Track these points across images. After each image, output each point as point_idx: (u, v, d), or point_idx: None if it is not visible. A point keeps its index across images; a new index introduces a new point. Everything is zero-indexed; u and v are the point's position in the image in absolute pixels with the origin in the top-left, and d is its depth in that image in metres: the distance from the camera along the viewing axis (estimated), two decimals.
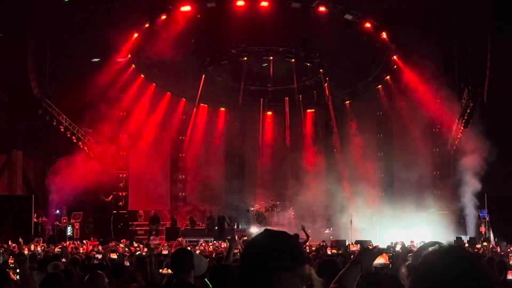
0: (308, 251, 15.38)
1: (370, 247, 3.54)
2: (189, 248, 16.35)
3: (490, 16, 22.04)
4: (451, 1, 22.38)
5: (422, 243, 7.26)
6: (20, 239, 17.68)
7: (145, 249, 17.19)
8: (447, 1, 22.68)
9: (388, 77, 28.69)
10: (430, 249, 2.34)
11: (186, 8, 24.17)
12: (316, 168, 34.03)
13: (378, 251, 3.43)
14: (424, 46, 24.09)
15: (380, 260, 3.45)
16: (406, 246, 17.65)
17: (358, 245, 16.77)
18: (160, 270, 8.49)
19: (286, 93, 32.30)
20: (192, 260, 5.40)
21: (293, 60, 27.25)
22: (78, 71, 24.08)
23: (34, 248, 16.13)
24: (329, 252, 15.23)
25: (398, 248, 17.72)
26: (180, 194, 32.79)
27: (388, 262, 3.54)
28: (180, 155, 33.21)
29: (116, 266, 8.83)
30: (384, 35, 25.23)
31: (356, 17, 24.33)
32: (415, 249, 12.51)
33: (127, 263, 11.26)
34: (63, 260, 10.75)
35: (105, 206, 26.80)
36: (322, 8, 23.90)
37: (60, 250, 13.82)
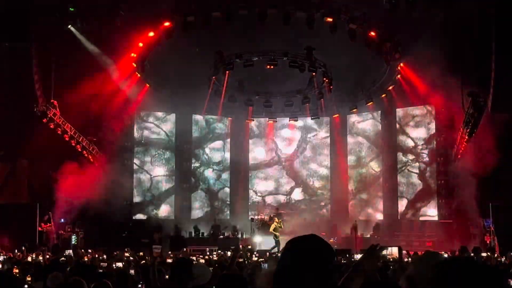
0: None
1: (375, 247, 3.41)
2: (194, 258, 16.42)
3: (495, 24, 22.07)
4: (455, 10, 22.38)
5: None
6: (23, 248, 17.70)
7: (149, 258, 17.21)
8: (451, 10, 22.69)
9: (391, 86, 28.71)
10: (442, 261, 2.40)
11: (190, 18, 24.25)
12: (321, 176, 34.16)
13: (382, 249, 3.40)
14: (428, 55, 24.19)
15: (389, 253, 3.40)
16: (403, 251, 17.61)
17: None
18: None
19: (291, 101, 32.42)
20: (190, 270, 5.41)
21: (297, 69, 27.23)
22: (83, 80, 24.19)
23: (37, 257, 16.15)
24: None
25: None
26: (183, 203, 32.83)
27: (397, 257, 3.49)
28: (185, 163, 33.32)
29: (120, 274, 8.83)
30: (388, 44, 25.28)
31: (360, 27, 24.36)
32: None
33: (132, 272, 11.27)
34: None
35: (110, 214, 26.80)
36: (328, 18, 23.95)
37: (64, 259, 13.82)
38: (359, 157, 33.57)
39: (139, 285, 9.28)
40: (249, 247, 24.59)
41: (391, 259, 15.33)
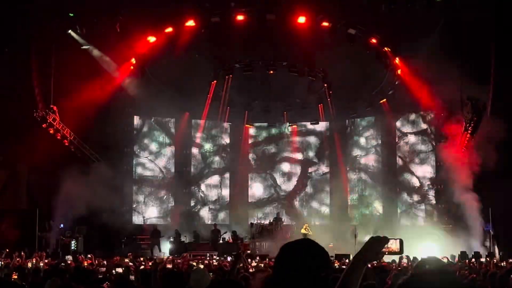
0: None
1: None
2: (194, 263, 16.41)
3: (494, 28, 22.15)
4: (454, 14, 22.44)
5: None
6: (22, 253, 17.65)
7: (150, 263, 17.18)
8: (450, 14, 22.76)
9: (391, 91, 28.72)
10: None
11: (190, 23, 24.30)
12: (322, 180, 34.12)
13: (385, 240, 3.26)
14: (427, 59, 24.23)
15: (389, 248, 3.30)
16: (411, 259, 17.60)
17: None
18: None
19: (289, 107, 32.41)
20: (183, 284, 5.39)
21: (296, 74, 27.28)
22: (82, 85, 24.21)
23: (37, 262, 16.12)
24: (336, 266, 15.15)
25: (404, 261, 17.67)
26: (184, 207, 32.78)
27: (398, 249, 3.40)
28: (184, 169, 33.29)
29: (120, 280, 8.82)
30: (387, 49, 25.33)
31: (359, 32, 24.41)
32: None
33: (132, 278, 11.25)
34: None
35: (109, 219, 26.77)
36: (325, 23, 24.00)
37: (64, 265, 13.80)
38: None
39: None
40: (249, 252, 24.55)
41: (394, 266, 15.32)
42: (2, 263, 14.70)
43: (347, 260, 18.81)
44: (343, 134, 33.62)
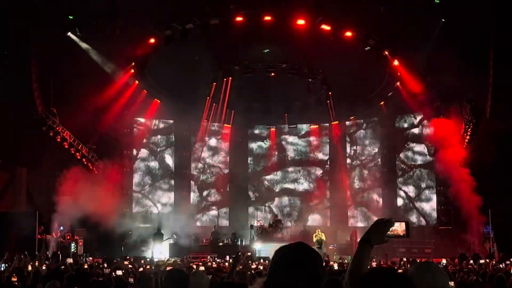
0: None
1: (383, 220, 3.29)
2: (194, 265, 16.40)
3: (493, 30, 22.17)
4: (453, 16, 22.47)
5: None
6: (22, 256, 17.64)
7: (148, 266, 17.19)
8: (448, 16, 22.78)
9: (391, 93, 28.75)
10: None
11: (189, 26, 24.34)
12: (322, 183, 34.14)
13: (390, 223, 3.27)
14: (427, 61, 24.28)
15: (395, 231, 3.29)
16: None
17: None
18: None
19: (288, 109, 32.40)
20: (186, 282, 5.38)
21: (296, 76, 27.30)
22: (82, 88, 24.24)
23: (38, 265, 16.12)
24: (335, 267, 15.13)
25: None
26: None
27: (404, 233, 3.39)
28: (184, 171, 33.34)
29: (119, 283, 8.83)
30: (386, 51, 25.36)
31: (359, 34, 24.44)
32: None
33: (131, 280, 11.26)
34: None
35: (109, 222, 26.76)
36: (324, 26, 24.03)
37: (64, 268, 13.80)
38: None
39: None
40: (249, 254, 24.54)
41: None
42: (3, 265, 14.69)
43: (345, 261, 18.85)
44: (343, 135, 33.67)
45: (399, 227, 3.33)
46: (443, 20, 22.98)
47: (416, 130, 31.34)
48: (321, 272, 2.72)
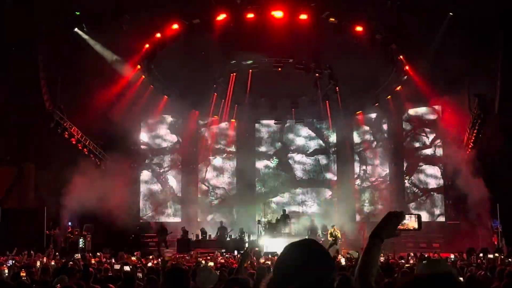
0: None
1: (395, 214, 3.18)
2: (203, 261, 16.42)
3: (502, 24, 22.05)
4: (461, 9, 22.35)
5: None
6: (31, 251, 17.73)
7: (155, 262, 17.23)
8: (456, 9, 22.66)
9: (399, 87, 28.64)
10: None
11: (196, 21, 24.33)
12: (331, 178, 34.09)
13: (401, 217, 3.19)
14: (434, 56, 24.16)
15: (406, 224, 3.21)
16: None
17: None
18: None
19: (296, 104, 32.33)
20: (187, 281, 5.36)
21: (303, 71, 27.22)
22: (89, 84, 24.29)
23: (47, 260, 16.19)
24: (343, 263, 15.12)
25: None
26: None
27: (417, 227, 3.30)
28: (191, 166, 33.37)
29: (127, 278, 8.85)
30: (393, 45, 25.27)
31: (365, 28, 24.35)
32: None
33: (139, 275, 11.29)
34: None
35: (116, 217, 26.85)
36: (331, 19, 23.96)
37: (72, 263, 13.85)
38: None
39: None
40: (256, 249, 24.54)
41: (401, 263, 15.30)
42: (12, 261, 14.76)
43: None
44: (350, 129, 33.58)
45: (411, 220, 3.25)
46: (451, 14, 22.86)
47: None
48: (330, 275, 2.58)
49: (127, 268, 12.25)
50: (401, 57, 25.76)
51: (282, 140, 35.21)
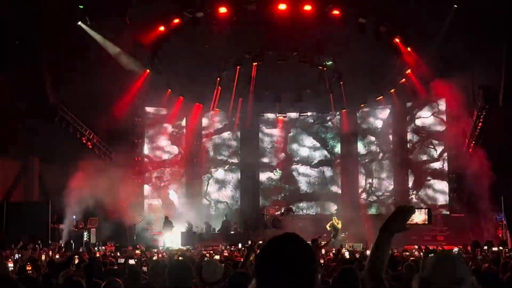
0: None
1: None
2: (207, 254, 16.45)
3: (506, 14, 21.93)
4: (467, 3, 22.25)
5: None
6: (36, 245, 17.77)
7: (160, 255, 17.27)
8: (463, 2, 22.57)
9: (403, 80, 28.56)
10: None
11: (199, 14, 24.29)
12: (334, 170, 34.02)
13: (412, 210, 3.15)
14: (439, 48, 24.06)
15: (417, 218, 3.17)
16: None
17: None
18: None
19: (300, 97, 32.23)
20: (190, 275, 5.36)
21: (307, 64, 27.15)
22: (93, 77, 24.29)
23: (52, 254, 16.24)
24: (347, 256, 15.12)
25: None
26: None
27: (426, 221, 3.25)
28: (194, 160, 33.33)
29: (132, 272, 8.86)
30: (398, 37, 25.20)
31: (370, 21, 24.27)
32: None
33: (144, 268, 11.30)
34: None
35: (121, 211, 26.90)
36: (335, 12, 23.88)
37: (77, 257, 13.89)
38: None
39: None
40: (260, 242, 24.56)
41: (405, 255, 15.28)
42: (18, 255, 14.80)
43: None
44: (354, 123, 33.47)
45: (421, 215, 3.22)
46: (455, 6, 22.75)
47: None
48: (309, 271, 2.48)
49: (131, 261, 12.27)
50: (405, 49, 25.67)
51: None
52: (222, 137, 34.16)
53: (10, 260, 13.11)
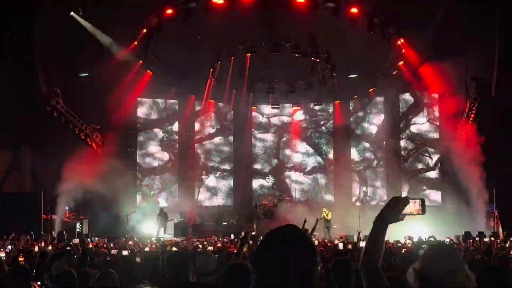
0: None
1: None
2: (200, 245, 16.47)
3: (499, 7, 22.00)
4: None
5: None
6: (27, 236, 17.73)
7: (153, 246, 17.28)
8: None
9: (395, 72, 28.57)
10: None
11: (192, 5, 24.18)
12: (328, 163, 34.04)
13: (406, 201, 3.15)
14: (432, 39, 24.07)
15: (411, 209, 3.17)
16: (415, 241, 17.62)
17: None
18: None
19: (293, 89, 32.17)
20: (187, 266, 5.36)
21: (299, 55, 27.09)
22: (85, 68, 24.18)
23: (45, 245, 16.21)
24: (340, 247, 15.17)
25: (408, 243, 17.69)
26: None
27: (420, 212, 3.26)
28: (188, 151, 33.24)
29: (125, 263, 8.86)
30: (391, 29, 25.17)
31: (363, 12, 24.23)
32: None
33: (138, 259, 11.31)
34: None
35: (113, 202, 26.84)
36: (329, 4, 23.83)
37: (70, 248, 13.88)
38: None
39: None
40: (253, 233, 24.61)
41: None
42: (11, 246, 14.77)
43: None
44: (347, 114, 33.51)
45: (415, 205, 3.21)
46: None
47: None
48: (309, 263, 2.46)
49: (125, 252, 12.27)
50: (399, 41, 25.67)
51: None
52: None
53: (2, 250, 13.06)
